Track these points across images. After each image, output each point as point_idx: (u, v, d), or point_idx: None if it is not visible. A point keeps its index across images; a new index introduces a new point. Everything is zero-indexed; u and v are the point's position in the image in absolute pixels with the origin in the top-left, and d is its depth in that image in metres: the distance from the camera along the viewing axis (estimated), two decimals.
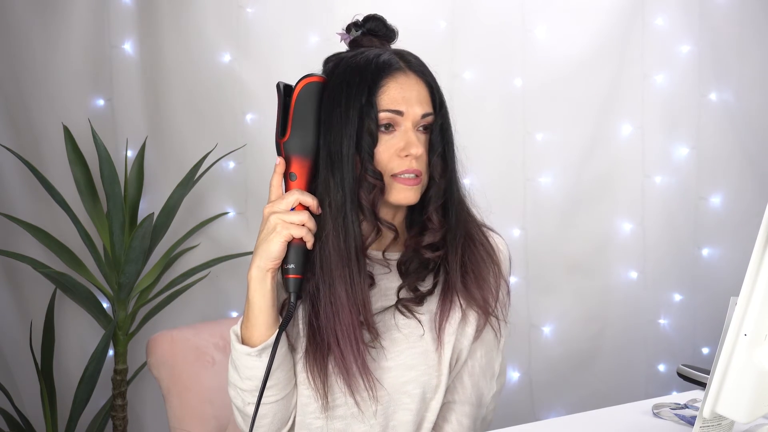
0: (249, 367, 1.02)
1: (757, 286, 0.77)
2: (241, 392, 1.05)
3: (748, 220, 2.45)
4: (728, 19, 2.45)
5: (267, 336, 1.01)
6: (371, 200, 1.03)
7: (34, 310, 2.06)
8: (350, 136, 1.01)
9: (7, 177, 2.06)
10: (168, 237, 2.09)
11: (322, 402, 1.06)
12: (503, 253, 1.18)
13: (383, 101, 1.03)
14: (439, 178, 1.07)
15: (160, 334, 1.59)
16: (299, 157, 1.02)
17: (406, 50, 1.10)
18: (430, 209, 1.08)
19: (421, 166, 1.05)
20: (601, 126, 2.44)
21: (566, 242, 2.44)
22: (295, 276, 1.00)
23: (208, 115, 2.19)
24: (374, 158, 1.03)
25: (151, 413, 2.19)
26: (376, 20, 1.11)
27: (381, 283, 1.10)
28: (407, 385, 1.07)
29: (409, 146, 1.03)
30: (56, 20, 2.07)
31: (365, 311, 1.03)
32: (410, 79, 1.06)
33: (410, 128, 1.04)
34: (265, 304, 1.01)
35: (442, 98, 1.09)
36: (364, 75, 1.03)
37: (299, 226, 0.99)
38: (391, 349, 1.07)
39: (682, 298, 2.53)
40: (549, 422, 1.14)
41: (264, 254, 0.99)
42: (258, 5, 2.20)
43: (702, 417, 0.84)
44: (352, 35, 1.12)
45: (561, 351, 2.45)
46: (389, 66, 1.04)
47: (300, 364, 1.07)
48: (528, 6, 2.36)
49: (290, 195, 1.00)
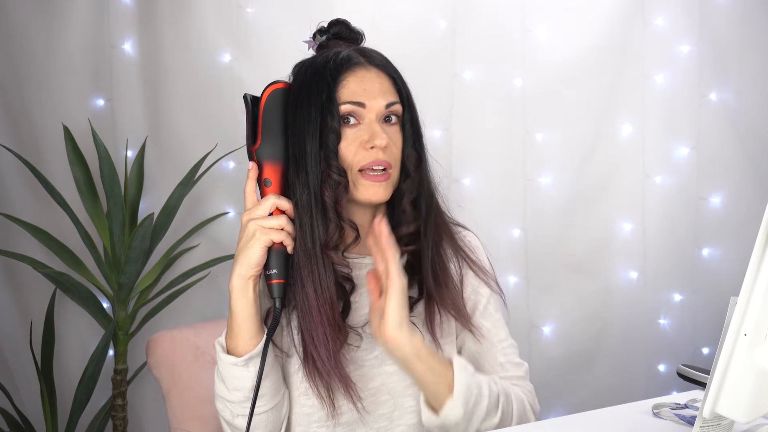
0: (236, 377, 1.00)
1: (757, 286, 0.77)
2: (229, 404, 1.02)
3: (748, 220, 2.45)
4: (728, 19, 2.45)
5: (252, 345, 1.00)
6: (334, 197, 1.02)
7: (34, 310, 2.06)
8: (313, 135, 1.01)
9: (7, 177, 2.06)
10: (168, 237, 2.09)
11: (329, 409, 1.04)
12: (480, 249, 1.18)
13: (343, 95, 1.03)
14: (413, 170, 1.07)
15: (160, 334, 1.59)
16: (271, 162, 1.03)
17: (369, 48, 1.10)
18: (404, 201, 1.08)
19: (390, 158, 1.04)
20: (601, 126, 2.44)
21: (566, 242, 2.44)
22: (278, 281, 1.00)
23: (208, 115, 2.19)
24: (338, 155, 1.02)
25: (151, 413, 2.19)
26: (340, 24, 1.12)
27: (367, 287, 1.10)
28: (410, 388, 1.07)
29: (374, 137, 1.02)
30: (56, 20, 2.07)
31: (333, 310, 1.02)
32: (371, 72, 1.05)
33: (374, 120, 1.03)
34: (248, 312, 0.99)
35: (408, 92, 1.09)
36: (323, 73, 1.03)
37: (278, 231, 0.99)
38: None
39: (682, 298, 2.53)
40: (549, 422, 1.14)
41: (245, 261, 0.98)
42: (258, 5, 2.20)
43: (702, 417, 0.84)
44: (317, 41, 1.13)
45: (561, 351, 2.45)
46: (348, 61, 1.04)
47: (299, 374, 1.05)
48: (528, 6, 2.36)
49: (266, 200, 1.00)
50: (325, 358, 1.01)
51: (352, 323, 1.07)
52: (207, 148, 2.10)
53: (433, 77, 2.27)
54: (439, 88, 2.29)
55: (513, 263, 2.40)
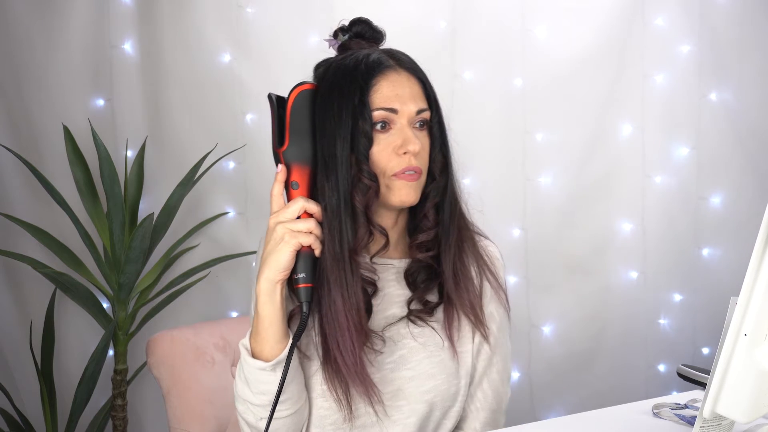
0: (263, 381, 0.99)
1: (757, 286, 0.77)
2: (253, 407, 1.02)
3: (748, 220, 2.45)
4: (728, 19, 2.45)
5: (279, 349, 0.99)
6: (365, 202, 1.01)
7: (34, 310, 2.06)
8: (344, 138, 1.00)
9: (7, 177, 2.06)
10: (168, 237, 2.09)
11: (346, 413, 1.04)
12: (499, 261, 1.17)
13: (376, 100, 1.02)
14: (439, 174, 1.07)
15: (160, 334, 1.59)
16: (299, 165, 1.01)
17: (396, 49, 1.09)
18: (427, 206, 1.07)
19: (421, 164, 1.04)
20: (601, 126, 2.44)
21: (566, 242, 2.44)
22: (306, 285, 0.99)
23: (208, 115, 2.19)
24: (370, 159, 1.01)
25: (151, 413, 2.19)
26: (362, 23, 1.11)
27: (387, 290, 1.09)
28: (427, 394, 1.07)
29: (407, 143, 1.01)
30: (56, 20, 2.07)
31: (359, 316, 1.01)
32: (401, 76, 1.05)
33: (406, 125, 1.03)
34: (275, 316, 0.98)
35: (435, 95, 1.09)
36: (354, 76, 1.02)
37: (307, 234, 0.97)
38: (410, 358, 1.07)
39: (682, 298, 2.53)
40: (549, 422, 1.14)
41: (273, 265, 0.97)
42: (258, 5, 2.19)
43: (702, 417, 0.84)
44: (340, 40, 1.11)
45: (561, 351, 2.45)
46: (380, 65, 1.03)
47: (318, 376, 1.05)
48: (528, 6, 2.35)
49: (295, 203, 0.98)
50: (351, 363, 1.00)
51: (373, 327, 1.07)
52: (207, 148, 2.10)
53: (433, 77, 2.27)
54: (439, 88, 2.29)
55: (513, 263, 2.40)
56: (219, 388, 1.55)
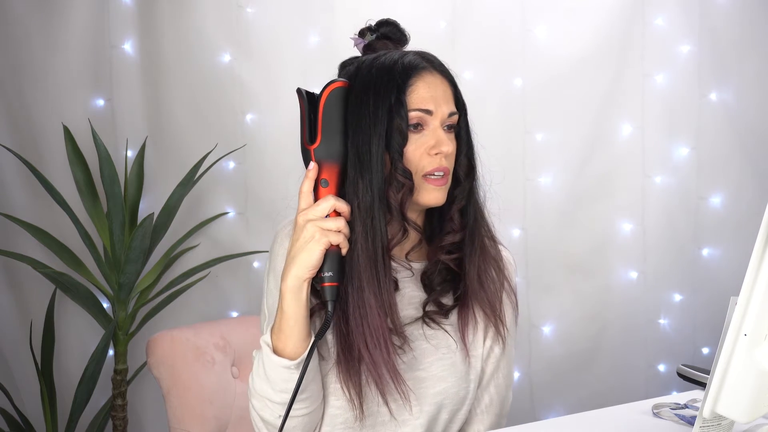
0: (285, 379, 0.99)
1: (757, 286, 0.77)
2: (272, 404, 1.01)
3: (748, 220, 2.45)
4: (728, 19, 2.45)
5: (303, 348, 0.99)
6: (400, 199, 1.02)
7: (34, 310, 2.06)
8: (380, 135, 1.00)
9: (7, 177, 2.06)
10: (168, 237, 2.09)
11: (357, 412, 1.04)
12: (512, 266, 1.18)
13: (412, 100, 1.03)
14: (464, 178, 1.08)
15: (160, 334, 1.59)
16: (330, 162, 1.01)
17: (428, 52, 1.10)
18: (453, 209, 1.08)
19: (450, 165, 1.05)
20: (601, 126, 2.44)
21: (566, 242, 2.44)
22: (333, 284, 0.99)
23: (208, 115, 2.19)
24: (404, 157, 1.02)
25: (151, 413, 2.19)
26: (390, 25, 1.12)
27: (405, 290, 1.10)
28: (438, 396, 1.07)
29: (440, 144, 1.03)
30: (56, 20, 2.07)
31: (392, 314, 1.02)
32: (436, 78, 1.06)
33: (438, 126, 1.04)
34: (300, 314, 0.98)
35: (463, 98, 1.10)
36: (391, 75, 1.02)
37: (336, 233, 0.97)
38: (422, 360, 1.07)
39: (682, 298, 2.53)
40: (549, 422, 1.14)
41: (303, 263, 0.97)
42: (258, 5, 2.19)
43: (702, 417, 0.84)
44: (367, 39, 1.11)
45: (561, 351, 2.45)
46: (416, 66, 1.04)
47: (331, 374, 1.05)
48: (528, 6, 2.36)
49: (325, 201, 0.98)
50: (383, 360, 1.01)
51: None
52: (207, 148, 2.10)
53: None
54: None
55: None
56: (219, 388, 1.55)
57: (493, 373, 1.13)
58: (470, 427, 1.13)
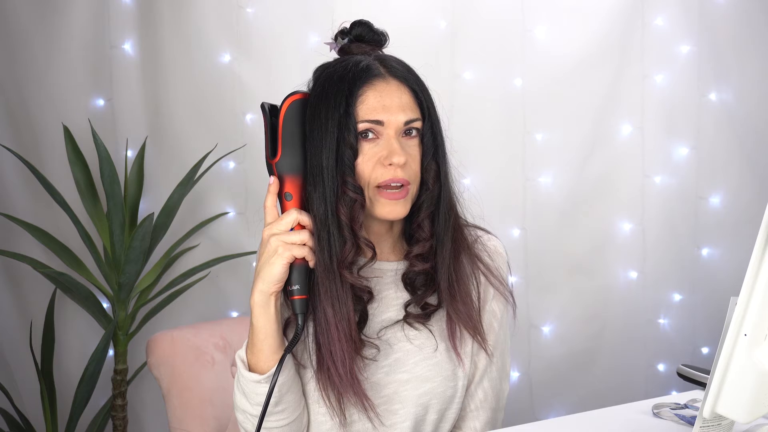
0: (259, 393, 1.00)
1: (757, 286, 0.77)
2: (251, 417, 1.02)
3: (748, 220, 2.45)
4: (728, 19, 2.45)
5: (274, 361, 0.99)
6: (350, 215, 1.00)
7: (34, 310, 2.06)
8: (330, 149, 0.99)
9: (7, 177, 2.06)
10: (168, 237, 2.09)
11: (339, 419, 1.04)
12: (502, 256, 1.16)
13: (361, 111, 1.00)
14: (432, 183, 1.05)
15: (160, 334, 1.59)
16: (292, 176, 1.00)
17: (391, 55, 1.07)
18: (421, 216, 1.05)
19: (408, 175, 1.01)
20: (601, 126, 2.44)
21: (566, 242, 2.44)
22: (301, 296, 0.99)
23: (208, 115, 2.19)
24: (355, 170, 1.00)
25: (151, 413, 2.19)
26: (362, 25, 1.08)
27: (384, 293, 1.09)
28: (423, 397, 1.06)
29: (392, 154, 0.99)
30: (56, 20, 2.07)
31: (350, 326, 1.01)
32: (390, 85, 1.02)
33: (393, 136, 1.00)
34: (270, 328, 0.99)
35: (429, 103, 1.06)
36: (341, 85, 1.00)
37: (300, 246, 0.97)
38: (406, 361, 1.06)
39: (681, 298, 2.54)
40: (549, 422, 1.14)
41: (267, 278, 0.97)
42: (258, 5, 2.20)
43: (702, 417, 0.84)
44: (340, 43, 1.09)
45: (561, 351, 2.45)
46: (367, 73, 1.01)
47: (313, 383, 1.05)
48: (528, 6, 2.35)
49: (288, 215, 0.98)
50: (342, 373, 1.00)
51: (369, 332, 1.06)
52: (207, 148, 2.10)
53: (433, 77, 2.27)
54: (439, 88, 2.29)
55: (512, 263, 2.37)
56: (219, 388, 1.55)
57: (486, 368, 1.11)
58: (465, 425, 1.12)
